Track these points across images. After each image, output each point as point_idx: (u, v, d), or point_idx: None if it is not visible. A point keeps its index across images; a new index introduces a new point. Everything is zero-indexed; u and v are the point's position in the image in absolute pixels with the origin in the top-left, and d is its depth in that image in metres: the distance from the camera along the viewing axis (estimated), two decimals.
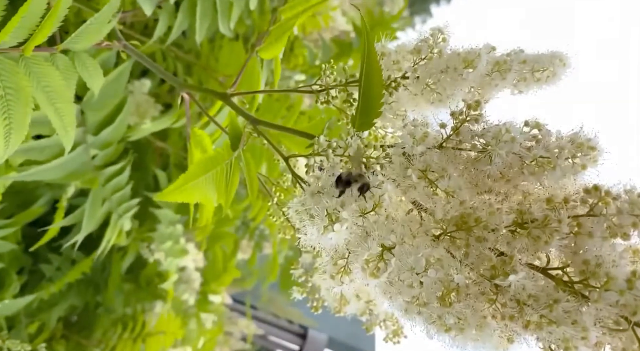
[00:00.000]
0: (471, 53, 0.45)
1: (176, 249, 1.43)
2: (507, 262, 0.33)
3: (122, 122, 0.88)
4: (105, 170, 0.89)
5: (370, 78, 0.43)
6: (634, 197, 0.33)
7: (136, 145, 1.20)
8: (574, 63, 0.47)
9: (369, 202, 0.38)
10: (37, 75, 0.50)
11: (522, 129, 0.39)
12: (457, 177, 0.38)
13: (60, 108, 0.54)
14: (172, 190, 0.53)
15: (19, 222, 1.12)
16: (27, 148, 0.74)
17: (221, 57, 1.07)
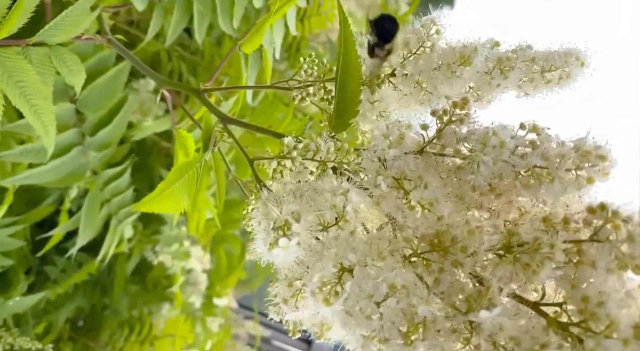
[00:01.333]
0: (468, 47, 0.40)
1: (181, 251, 1.42)
2: (484, 294, 0.28)
3: (120, 123, 0.87)
4: (103, 173, 0.89)
5: (347, 74, 0.38)
6: None
7: (141, 146, 1.20)
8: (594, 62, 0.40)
9: (329, 214, 0.33)
10: (7, 70, 0.48)
11: (515, 133, 0.33)
12: (436, 187, 0.33)
13: (37, 105, 0.53)
14: (149, 200, 0.50)
15: (28, 220, 1.14)
16: (22, 151, 0.74)
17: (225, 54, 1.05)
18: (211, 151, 0.47)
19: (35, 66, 0.52)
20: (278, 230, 0.32)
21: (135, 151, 1.18)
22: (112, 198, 0.93)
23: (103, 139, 0.85)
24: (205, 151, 0.48)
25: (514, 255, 0.29)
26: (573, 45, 0.40)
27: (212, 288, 1.61)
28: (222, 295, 1.56)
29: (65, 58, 0.56)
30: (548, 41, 0.41)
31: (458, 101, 0.34)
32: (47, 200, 1.20)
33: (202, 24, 0.75)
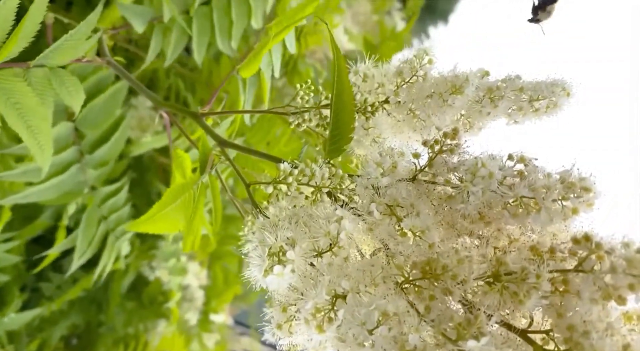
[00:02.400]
0: (459, 77, 0.41)
1: (178, 267, 1.42)
2: (472, 322, 0.29)
3: (118, 140, 0.88)
4: (101, 190, 0.90)
5: (341, 101, 0.39)
6: (632, 253, 0.28)
7: (139, 161, 1.22)
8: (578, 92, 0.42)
9: (323, 240, 0.34)
10: (5, 92, 0.49)
11: (504, 163, 0.34)
12: (427, 215, 0.34)
13: (34, 126, 0.54)
14: (145, 220, 0.51)
15: (23, 236, 1.14)
16: (24, 171, 0.75)
17: (222, 73, 1.07)
18: (208, 174, 0.48)
19: (34, 88, 0.53)
20: (273, 256, 0.33)
21: (133, 167, 1.19)
22: (110, 215, 0.93)
23: (101, 157, 0.86)
24: (202, 174, 0.49)
25: (502, 283, 0.30)
26: (559, 76, 0.42)
27: (208, 304, 1.61)
28: (219, 311, 1.56)
29: (64, 80, 0.57)
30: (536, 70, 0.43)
31: (449, 131, 0.36)
32: (43, 215, 1.20)
33: (201, 45, 0.77)
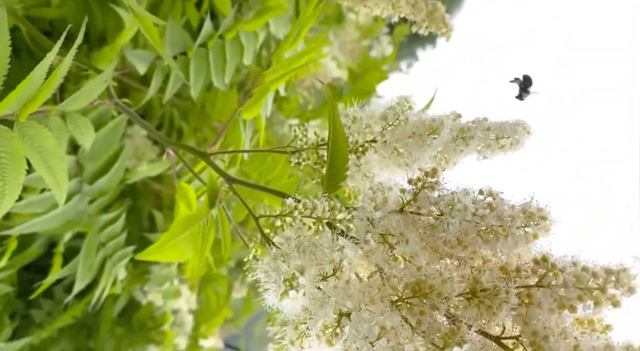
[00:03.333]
0: (436, 121, 0.49)
1: (171, 290, 1.44)
2: (456, 332, 0.35)
3: (117, 171, 0.92)
4: (100, 218, 0.93)
5: (337, 146, 0.46)
6: (579, 271, 0.35)
7: (132, 187, 1.25)
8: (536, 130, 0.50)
9: (328, 267, 0.40)
10: (30, 138, 0.54)
11: (476, 197, 0.41)
12: (415, 242, 0.40)
13: (53, 166, 0.58)
14: (154, 249, 0.55)
15: (16, 264, 1.15)
16: (29, 203, 0.79)
17: (216, 103, 1.13)
18: (217, 208, 0.54)
19: (53, 132, 0.58)
20: (287, 282, 0.39)
21: (127, 193, 1.23)
22: (108, 242, 0.97)
23: (101, 187, 0.90)
24: (211, 208, 0.54)
25: (478, 299, 0.37)
26: (520, 118, 0.49)
27: (197, 328, 1.62)
28: (208, 335, 1.57)
29: (78, 122, 0.62)
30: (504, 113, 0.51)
31: (429, 171, 0.43)
32: (35, 244, 1.21)
33: (197, 82, 0.83)
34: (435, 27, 0.61)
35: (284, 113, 1.22)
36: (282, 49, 0.62)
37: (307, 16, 0.59)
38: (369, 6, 0.60)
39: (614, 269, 0.34)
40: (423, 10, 0.60)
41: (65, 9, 0.91)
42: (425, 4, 0.60)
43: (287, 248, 0.43)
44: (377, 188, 0.44)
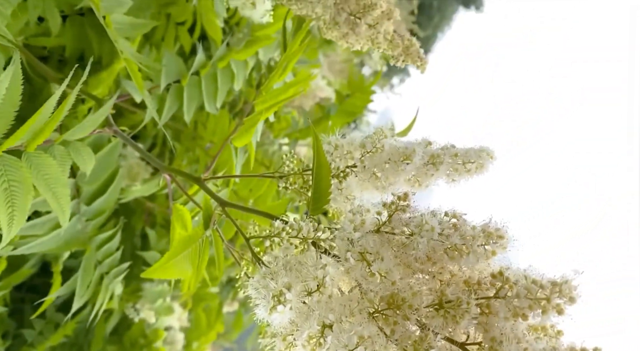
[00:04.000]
0: (408, 148, 0.54)
1: (164, 307, 1.47)
2: (424, 339, 0.40)
3: (113, 192, 0.96)
4: (96, 237, 0.97)
5: (320, 174, 0.51)
6: (529, 283, 0.40)
7: (125, 206, 1.29)
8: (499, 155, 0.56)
9: (312, 283, 0.45)
10: (37, 166, 0.59)
11: (442, 219, 0.47)
12: (389, 259, 0.46)
13: (57, 191, 0.63)
14: (157, 268, 0.60)
15: (9, 285, 1.17)
16: (31, 225, 0.83)
17: (208, 124, 1.18)
18: (211, 229, 0.59)
19: (57, 160, 0.63)
20: (275, 298, 0.44)
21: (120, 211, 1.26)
22: (104, 260, 1.00)
23: (98, 207, 0.94)
24: (206, 229, 0.59)
25: (444, 309, 0.42)
26: (484, 144, 0.56)
27: (189, 346, 1.64)
28: None
29: (80, 150, 0.67)
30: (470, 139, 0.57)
31: (401, 195, 0.48)
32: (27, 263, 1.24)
33: (190, 107, 0.88)
34: (411, 60, 0.67)
35: (274, 132, 1.27)
36: (272, 80, 0.68)
37: (293, 51, 0.65)
38: (350, 42, 0.66)
39: (558, 281, 0.40)
40: (399, 46, 0.66)
41: (64, 38, 0.96)
42: (402, 40, 0.66)
43: (275, 266, 0.48)
44: (356, 211, 0.50)
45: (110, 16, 0.64)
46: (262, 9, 0.76)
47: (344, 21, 0.63)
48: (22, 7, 0.81)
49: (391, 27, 0.65)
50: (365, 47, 0.67)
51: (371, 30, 0.64)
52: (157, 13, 1.09)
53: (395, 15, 0.64)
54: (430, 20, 4.03)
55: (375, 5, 0.62)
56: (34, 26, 0.90)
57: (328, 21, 0.65)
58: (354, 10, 0.63)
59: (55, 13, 0.86)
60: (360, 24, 0.63)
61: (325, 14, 0.64)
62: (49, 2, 0.85)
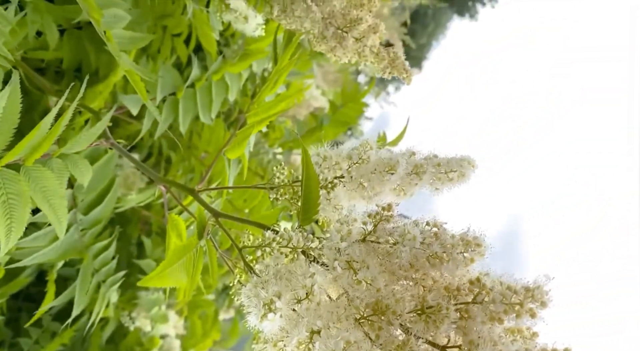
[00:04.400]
0: (392, 159, 0.57)
1: (159, 315, 1.48)
2: (407, 343, 0.42)
3: (110, 202, 0.98)
4: (93, 246, 0.99)
5: (309, 186, 0.54)
6: (504, 289, 0.43)
7: (121, 215, 1.31)
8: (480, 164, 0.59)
9: (301, 291, 0.48)
10: (35, 180, 0.61)
11: (424, 228, 0.49)
12: (375, 267, 0.48)
13: (55, 203, 0.65)
14: (153, 277, 0.62)
15: (6, 294, 1.19)
16: (33, 238, 0.85)
17: (203, 134, 1.21)
18: (205, 239, 0.61)
19: (55, 173, 0.65)
20: (266, 306, 0.46)
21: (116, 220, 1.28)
22: (101, 268, 1.02)
23: (95, 217, 0.97)
24: (200, 239, 0.61)
25: (426, 314, 0.45)
26: (466, 153, 0.58)
27: None
28: None
29: (77, 163, 0.69)
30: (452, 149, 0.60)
31: (385, 206, 0.51)
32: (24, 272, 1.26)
33: (186, 119, 0.91)
34: (397, 72, 0.70)
35: (270, 141, 1.30)
36: (263, 93, 0.71)
37: (284, 66, 0.68)
38: (337, 55, 0.68)
39: (531, 287, 0.42)
40: (385, 58, 0.69)
41: (62, 51, 0.99)
42: (387, 53, 0.69)
43: (266, 275, 0.51)
44: (343, 221, 0.52)
45: (111, 31, 0.67)
46: (254, 22, 0.79)
47: (331, 35, 0.66)
48: (21, 23, 0.84)
49: (377, 41, 0.68)
50: (352, 60, 0.70)
51: (358, 43, 0.67)
52: (154, 25, 1.12)
53: (381, 29, 0.67)
54: (425, 29, 4.12)
55: (361, 20, 0.65)
56: (32, 40, 0.92)
57: (317, 35, 0.68)
58: (341, 24, 0.66)
59: (53, 28, 0.89)
60: (347, 38, 0.66)
61: (313, 28, 0.67)
62: (47, 17, 0.88)
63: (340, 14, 0.65)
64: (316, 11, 0.65)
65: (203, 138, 1.19)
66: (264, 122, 0.65)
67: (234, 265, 0.68)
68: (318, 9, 0.65)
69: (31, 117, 1.11)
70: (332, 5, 0.65)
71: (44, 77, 1.14)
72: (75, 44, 0.96)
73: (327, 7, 0.65)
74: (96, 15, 0.58)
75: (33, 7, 0.85)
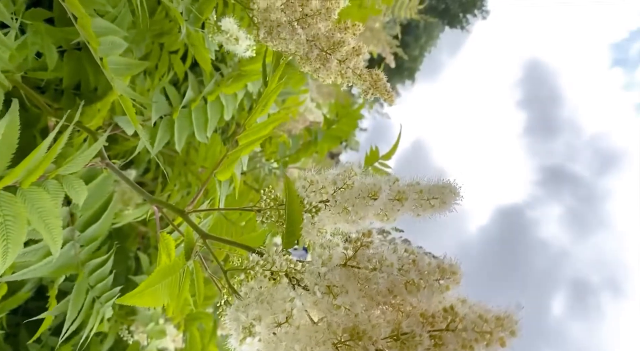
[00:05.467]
0: (375, 185, 0.59)
1: (157, 330, 1.51)
2: None
3: (107, 218, 1.02)
4: (89, 263, 1.02)
5: (292, 210, 0.57)
6: (476, 317, 0.45)
7: (119, 230, 1.34)
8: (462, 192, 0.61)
9: (281, 315, 0.50)
10: (31, 201, 0.64)
11: (402, 254, 0.51)
12: (354, 292, 0.50)
13: (50, 223, 0.68)
14: (134, 295, 0.65)
15: (6, 308, 1.22)
16: (25, 252, 0.88)
17: (200, 148, 1.25)
18: (193, 260, 0.64)
19: (51, 194, 0.68)
20: (245, 330, 0.48)
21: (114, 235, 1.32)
22: (96, 285, 1.05)
23: (92, 234, 1.00)
24: (187, 260, 0.64)
25: (400, 340, 0.47)
26: (447, 181, 0.60)
27: None
28: None
29: (73, 183, 0.73)
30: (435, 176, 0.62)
31: (365, 232, 0.53)
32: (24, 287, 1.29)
33: (181, 138, 0.94)
34: (379, 93, 0.72)
35: (266, 155, 1.33)
36: (253, 116, 0.74)
37: (272, 89, 0.71)
38: (321, 76, 0.71)
39: (502, 316, 0.44)
40: (366, 80, 0.71)
41: (61, 71, 1.03)
42: (370, 75, 0.72)
43: (249, 298, 0.53)
44: (326, 245, 0.55)
45: (107, 58, 0.71)
46: (245, 44, 0.82)
47: (315, 57, 0.69)
48: (21, 45, 0.88)
49: (361, 63, 0.70)
50: (337, 80, 0.73)
51: (341, 65, 0.70)
52: (151, 43, 1.17)
53: (364, 52, 0.69)
54: (417, 41, 4.17)
55: (343, 43, 0.68)
56: (32, 61, 0.97)
57: (302, 56, 0.71)
58: (325, 46, 0.69)
59: (52, 49, 0.93)
60: (331, 60, 0.69)
61: (298, 50, 0.70)
62: (47, 39, 0.92)
63: (325, 36, 0.68)
64: (301, 34, 0.67)
65: (200, 154, 1.22)
66: (255, 143, 0.68)
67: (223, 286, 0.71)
68: (303, 31, 0.68)
69: (30, 133, 1.15)
70: (317, 28, 0.68)
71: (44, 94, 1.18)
72: (75, 64, 1.00)
73: (312, 30, 0.68)
74: (94, 44, 0.62)
75: (33, 30, 0.89)
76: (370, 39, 1.75)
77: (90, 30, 0.60)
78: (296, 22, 0.66)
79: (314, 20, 0.65)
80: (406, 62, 4.69)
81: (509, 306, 0.45)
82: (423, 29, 8.24)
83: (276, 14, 0.66)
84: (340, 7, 0.65)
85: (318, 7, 0.65)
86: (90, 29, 0.58)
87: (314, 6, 0.65)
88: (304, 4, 0.65)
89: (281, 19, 0.66)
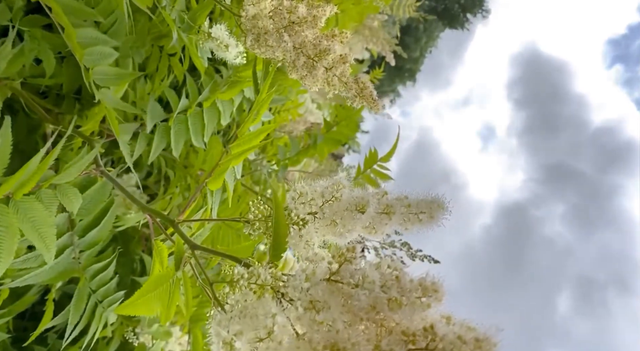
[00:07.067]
0: (363, 199, 0.60)
1: (161, 331, 1.55)
2: None
3: (107, 223, 1.04)
4: (90, 268, 1.05)
5: (278, 226, 0.58)
6: (454, 339, 0.45)
7: (123, 233, 1.38)
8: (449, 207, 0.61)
9: (263, 331, 0.51)
10: (24, 211, 0.67)
11: (385, 271, 0.52)
12: (336, 308, 0.51)
13: (43, 232, 0.71)
14: (128, 304, 0.67)
15: (12, 312, 1.27)
16: (25, 259, 0.91)
17: (199, 152, 1.27)
18: (182, 270, 0.66)
19: (44, 203, 0.71)
20: (226, 345, 0.50)
21: (118, 238, 1.35)
22: (98, 289, 1.08)
23: (92, 239, 1.03)
24: (177, 270, 0.66)
25: None
26: (435, 196, 0.61)
27: None
28: None
29: (67, 192, 0.75)
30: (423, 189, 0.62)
31: (350, 247, 0.54)
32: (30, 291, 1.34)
33: (178, 144, 0.96)
34: (365, 102, 0.73)
35: (268, 156, 1.34)
36: (245, 125, 0.75)
37: (263, 98, 0.72)
38: (307, 83, 0.72)
39: (480, 338, 0.45)
40: (352, 88, 0.72)
41: (61, 77, 1.06)
42: (356, 83, 0.72)
43: (232, 312, 0.54)
44: (311, 259, 0.56)
45: (95, 68, 0.73)
46: (235, 51, 0.83)
47: (302, 64, 0.70)
48: (19, 53, 0.91)
49: (347, 70, 0.71)
50: (325, 88, 0.73)
51: (328, 73, 0.70)
52: (151, 46, 1.19)
53: (350, 60, 0.70)
54: (417, 42, 4.12)
55: (329, 50, 0.69)
56: (31, 67, 1.00)
57: (289, 64, 0.71)
58: (311, 54, 0.70)
59: (49, 55, 0.96)
60: (317, 67, 0.70)
61: (285, 57, 0.71)
62: (44, 45, 0.95)
63: (312, 44, 0.68)
64: (288, 41, 0.68)
65: (199, 156, 1.24)
66: (247, 152, 0.70)
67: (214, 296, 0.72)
68: (290, 39, 0.69)
69: (33, 138, 1.19)
70: (304, 36, 0.69)
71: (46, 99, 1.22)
72: (74, 69, 1.02)
73: (299, 38, 0.69)
74: (78, 55, 0.64)
75: (30, 36, 0.92)
76: (369, 38, 1.75)
77: (74, 41, 0.62)
78: (283, 29, 0.67)
79: (301, 27, 0.66)
80: (407, 63, 4.66)
81: (491, 327, 0.45)
82: (423, 30, 8.17)
83: (264, 21, 0.67)
84: (327, 15, 0.65)
85: (305, 15, 0.65)
86: (74, 39, 0.60)
87: (301, 14, 0.66)
88: (291, 11, 0.66)
89: (268, 26, 0.67)
